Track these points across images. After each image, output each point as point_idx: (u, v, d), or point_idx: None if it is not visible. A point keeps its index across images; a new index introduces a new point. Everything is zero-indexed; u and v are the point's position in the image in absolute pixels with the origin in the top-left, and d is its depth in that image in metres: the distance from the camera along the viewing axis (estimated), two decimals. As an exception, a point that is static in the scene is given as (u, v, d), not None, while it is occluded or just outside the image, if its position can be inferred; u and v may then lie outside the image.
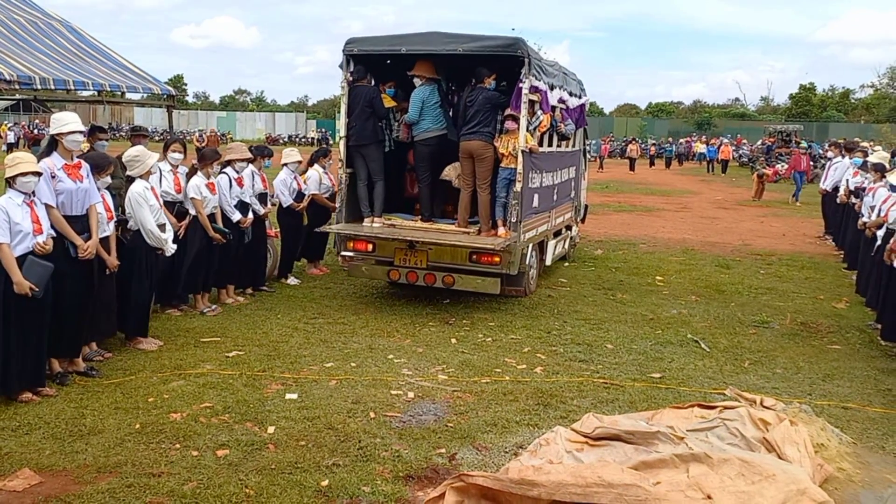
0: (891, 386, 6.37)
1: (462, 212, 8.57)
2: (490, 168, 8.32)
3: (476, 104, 8.25)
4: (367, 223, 8.71)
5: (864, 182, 11.13)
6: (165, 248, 6.83)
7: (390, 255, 8.40)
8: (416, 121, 8.59)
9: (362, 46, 8.45)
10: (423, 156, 8.78)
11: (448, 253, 8.15)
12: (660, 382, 6.29)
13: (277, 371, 6.25)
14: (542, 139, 8.85)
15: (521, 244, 8.24)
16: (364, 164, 8.69)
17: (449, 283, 8.16)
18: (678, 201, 23.30)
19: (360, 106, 8.47)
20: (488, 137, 8.27)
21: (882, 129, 49.63)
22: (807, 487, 3.87)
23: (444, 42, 8.08)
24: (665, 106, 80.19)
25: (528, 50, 7.80)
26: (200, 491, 4.14)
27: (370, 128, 8.54)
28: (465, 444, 4.92)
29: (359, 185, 8.75)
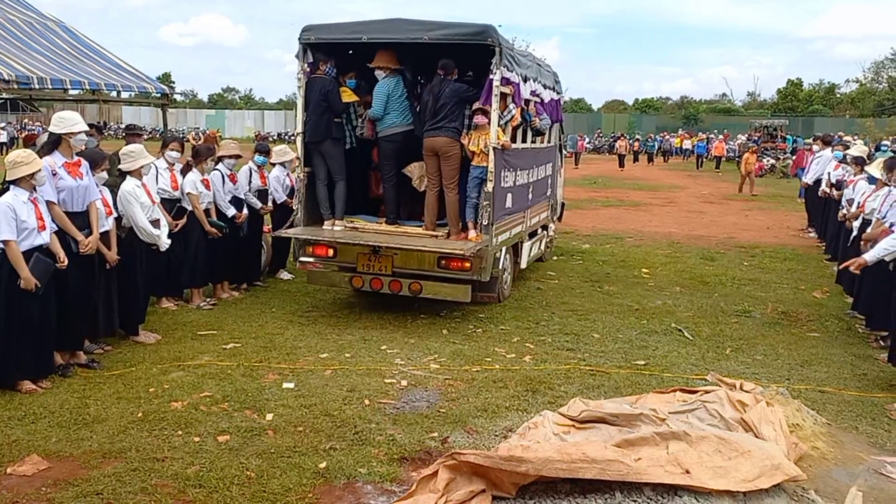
0: (866, 371, 6.61)
1: (429, 214, 8.03)
2: (457, 167, 7.78)
3: (442, 97, 7.66)
4: (327, 226, 8.16)
5: (844, 175, 11.40)
6: (159, 243, 6.98)
7: (353, 260, 7.85)
8: (380, 116, 7.99)
9: (320, 34, 7.82)
10: (388, 153, 8.19)
11: (415, 258, 7.60)
12: (644, 369, 6.51)
13: (274, 362, 6.43)
14: (514, 135, 8.27)
15: (494, 248, 7.74)
16: (323, 163, 8.12)
17: (416, 290, 7.62)
18: (665, 196, 23.58)
19: (315, 99, 7.87)
20: (454, 134, 7.72)
21: (866, 123, 50.17)
22: (780, 463, 4.10)
23: (409, 29, 7.52)
24: (653, 102, 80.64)
25: (498, 38, 7.26)
26: (203, 474, 4.32)
27: (325, 123, 7.93)
28: (457, 428, 5.11)
29: (318, 186, 8.17)
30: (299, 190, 8.21)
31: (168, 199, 7.75)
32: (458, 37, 7.37)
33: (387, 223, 8.23)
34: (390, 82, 7.95)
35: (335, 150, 8.08)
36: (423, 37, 7.37)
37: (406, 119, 8.06)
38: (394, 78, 7.99)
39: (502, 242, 8.11)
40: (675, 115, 70.35)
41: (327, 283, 8.37)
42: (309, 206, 8.21)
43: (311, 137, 7.97)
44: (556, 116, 10.27)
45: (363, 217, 8.47)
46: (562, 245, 13.21)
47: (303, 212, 8.18)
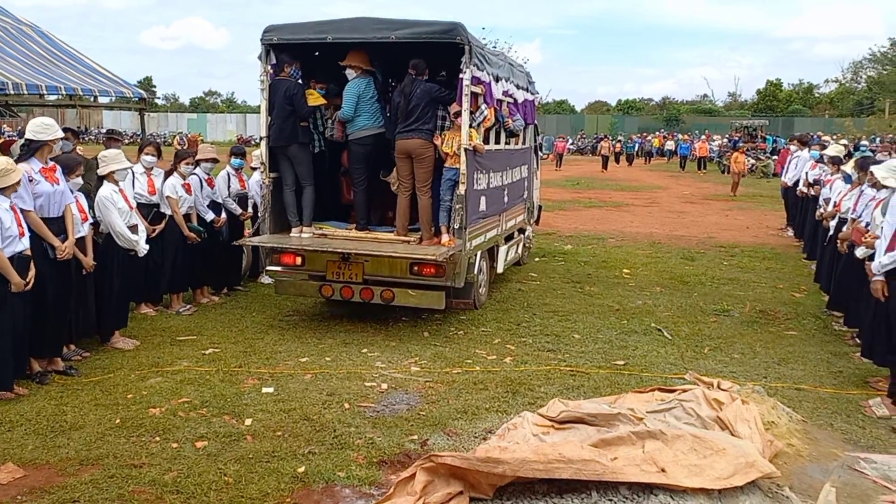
0: (842, 368, 6.69)
1: (401, 218, 7.79)
2: (430, 169, 7.60)
3: (413, 98, 7.46)
4: (294, 234, 7.89)
5: (821, 175, 11.52)
6: (137, 248, 6.94)
7: (322, 268, 7.58)
8: (350, 118, 7.78)
9: (283, 35, 7.56)
10: (359, 157, 7.98)
11: (386, 265, 7.39)
12: (623, 369, 6.55)
13: (253, 366, 6.41)
14: (487, 136, 8.09)
15: (468, 252, 7.51)
16: (290, 168, 7.85)
17: (388, 298, 7.40)
18: (647, 197, 23.72)
19: (279, 103, 7.64)
20: (428, 135, 7.54)
21: (845, 122, 50.77)
22: (755, 460, 4.14)
23: (375, 28, 7.27)
24: (635, 103, 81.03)
25: (468, 36, 7.04)
26: (181, 480, 4.30)
27: (290, 127, 7.68)
28: (437, 430, 5.12)
29: (285, 191, 7.90)
30: (265, 196, 7.95)
31: (145, 203, 7.71)
32: (425, 35, 7.14)
33: (357, 229, 8.00)
34: (361, 83, 7.76)
35: (302, 155, 7.86)
36: (389, 36, 7.17)
37: (377, 121, 7.86)
38: (364, 79, 7.79)
39: (477, 247, 7.89)
40: (657, 116, 70.79)
41: (296, 293, 8.12)
42: (275, 212, 7.95)
43: (276, 141, 7.76)
44: (531, 118, 10.14)
45: (333, 223, 8.22)
46: (544, 246, 13.27)
47: (269, 219, 7.91)
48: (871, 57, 64.81)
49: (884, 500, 4.23)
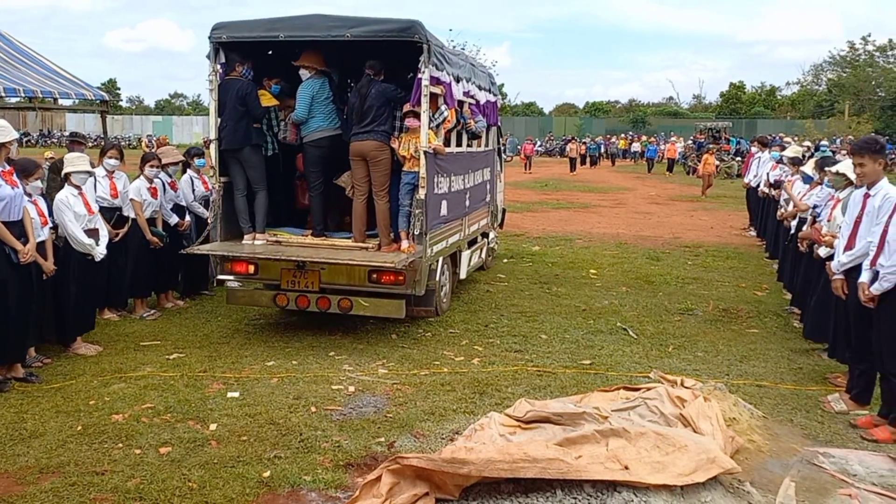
0: (802, 365, 6.83)
1: (358, 224, 7.49)
2: (386, 172, 7.36)
3: (369, 99, 7.21)
4: (247, 240, 7.54)
5: (782, 175, 11.74)
6: (93, 253, 6.80)
7: (276, 277, 7.30)
8: (304, 119, 7.50)
9: (233, 33, 7.24)
10: (314, 160, 7.65)
11: (343, 273, 7.12)
12: (589, 368, 6.61)
13: (219, 371, 6.35)
14: (448, 138, 7.85)
15: (429, 259, 7.26)
16: (242, 172, 7.51)
17: (345, 307, 7.13)
18: (614, 198, 23.96)
19: (231, 103, 7.31)
20: (383, 137, 7.29)
21: (806, 124, 51.84)
22: (716, 456, 4.21)
23: (329, 26, 6.97)
24: (602, 105, 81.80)
25: (426, 35, 6.80)
26: (144, 486, 4.25)
27: (243, 129, 7.36)
28: (404, 432, 5.12)
29: (236, 197, 7.54)
30: (215, 202, 7.57)
31: (108, 207, 7.60)
32: (382, 34, 6.89)
33: (313, 235, 7.67)
34: (315, 83, 7.49)
35: (255, 158, 7.55)
36: (344, 34, 6.89)
37: (333, 123, 7.59)
38: (319, 79, 7.52)
39: (438, 253, 7.64)
40: (623, 118, 71.50)
41: (248, 303, 7.79)
42: (227, 218, 7.59)
43: (228, 144, 7.40)
44: (493, 119, 9.96)
45: (287, 230, 7.91)
46: (512, 247, 13.34)
47: (220, 225, 7.54)
48: (830, 60, 66.22)
49: (841, 494, 4.33)
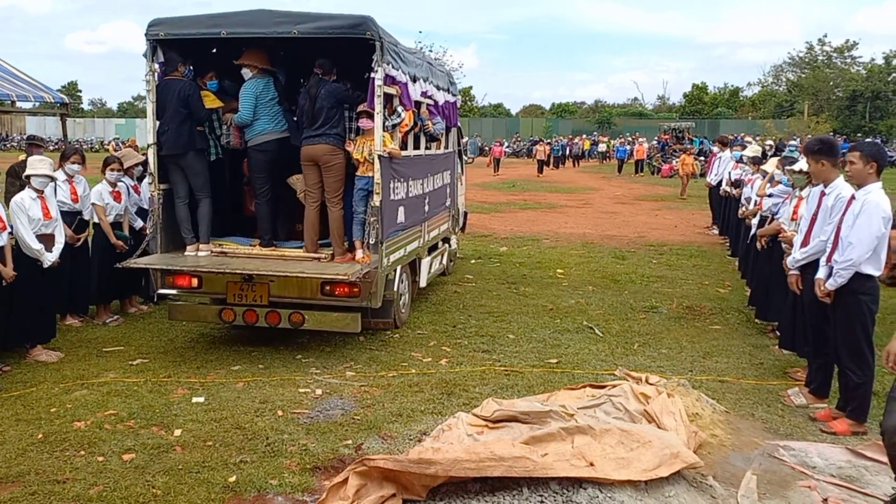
0: (763, 360, 6.96)
1: (309, 233, 7.07)
2: (340, 178, 6.97)
3: (319, 100, 6.83)
4: (190, 252, 7.09)
5: (742, 174, 11.95)
6: (42, 258, 6.60)
7: (222, 290, 6.89)
8: (248, 122, 7.08)
9: (171, 30, 6.80)
10: (260, 165, 7.20)
11: (294, 285, 6.75)
12: (556, 367, 6.67)
13: (183, 376, 6.28)
14: (405, 140, 7.49)
15: (386, 269, 6.91)
16: (183, 179, 7.07)
17: (297, 322, 6.75)
18: (580, 198, 24.17)
19: (172, 106, 6.89)
20: (336, 141, 6.91)
21: (766, 124, 52.86)
22: (679, 451, 4.28)
23: (276, 22, 6.59)
24: (568, 106, 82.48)
25: (379, 31, 6.46)
26: (107, 494, 4.19)
27: (186, 133, 6.93)
28: (371, 434, 5.11)
29: (177, 205, 7.09)
30: (154, 211, 7.06)
31: (68, 211, 7.47)
32: (331, 30, 6.52)
33: (261, 245, 7.21)
34: (258, 83, 7.09)
35: (198, 164, 7.09)
36: (291, 30, 6.52)
37: (279, 125, 7.19)
38: (263, 79, 7.13)
39: (396, 262, 7.28)
40: (589, 119, 72.17)
41: (191, 319, 7.31)
42: (168, 228, 7.12)
43: (170, 149, 6.94)
44: (453, 120, 9.63)
45: (234, 239, 7.44)
46: (480, 248, 13.39)
47: (160, 236, 7.06)
48: (790, 61, 67.67)
49: (801, 486, 4.43)
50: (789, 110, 61.89)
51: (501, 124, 68.60)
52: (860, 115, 59.11)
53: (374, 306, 6.89)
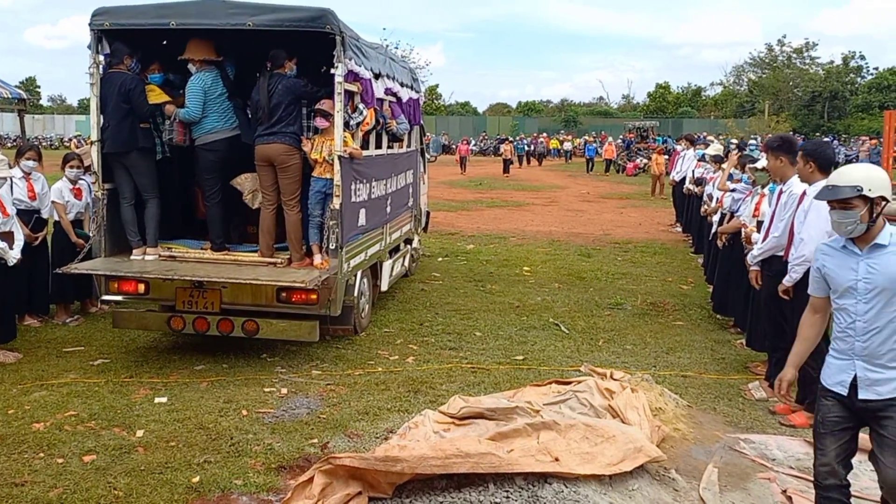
0: (724, 355, 7.09)
1: (265, 236, 6.71)
2: (297, 179, 6.63)
3: (275, 96, 6.50)
4: (136, 256, 6.71)
5: (704, 172, 12.14)
6: (6, 257, 6.41)
7: (171, 297, 6.54)
8: (196, 119, 6.67)
9: (117, 20, 6.43)
10: (209, 165, 6.81)
11: (248, 292, 6.42)
12: (522, 364, 6.71)
13: (146, 376, 6.19)
14: (367, 140, 7.22)
15: (345, 274, 6.60)
16: (128, 178, 6.71)
17: (251, 330, 6.39)
18: (547, 196, 24.33)
19: (113, 100, 6.48)
20: (291, 139, 6.56)
21: (728, 123, 53.80)
22: (643, 445, 4.35)
23: (229, 13, 6.26)
24: (535, 105, 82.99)
25: (339, 25, 6.16)
26: (67, 496, 4.11)
27: (128, 129, 6.54)
28: (338, 433, 5.09)
29: (122, 206, 6.72)
30: (97, 212, 6.70)
31: (25, 209, 7.30)
32: (289, 23, 6.24)
33: (213, 249, 6.84)
34: (206, 77, 6.68)
35: (144, 163, 6.73)
36: (246, 22, 6.21)
37: (229, 122, 6.80)
38: (210, 72, 6.72)
39: (356, 266, 7.00)
40: (555, 117, 72.71)
41: (138, 326, 6.91)
42: (112, 231, 6.75)
43: (111, 147, 6.56)
44: (417, 118, 9.39)
45: (184, 242, 7.06)
46: (447, 246, 13.41)
47: (103, 239, 6.70)
48: (751, 61, 68.87)
49: (761, 478, 4.52)
50: (750, 110, 63.02)
51: (468, 123, 68.75)
52: (819, 114, 60.43)
53: (334, 314, 6.60)
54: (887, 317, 3.29)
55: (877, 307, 3.29)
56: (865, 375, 3.33)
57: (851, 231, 3.32)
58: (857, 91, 60.99)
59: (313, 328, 6.44)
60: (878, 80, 60.32)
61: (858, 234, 3.32)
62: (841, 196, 3.31)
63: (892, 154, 12.23)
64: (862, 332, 3.32)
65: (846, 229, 3.33)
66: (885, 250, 3.31)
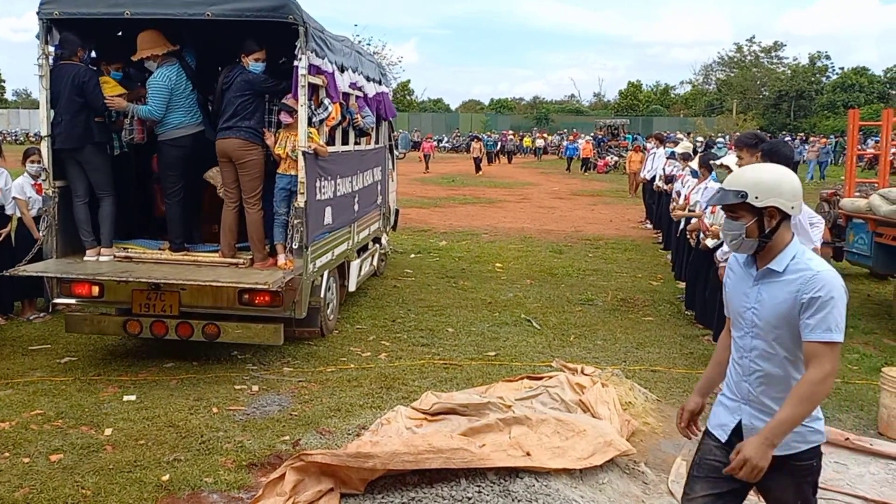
0: (692, 350, 7.19)
1: (226, 236, 6.45)
2: (257, 176, 6.39)
3: (233, 89, 6.27)
4: (90, 257, 6.40)
5: (674, 170, 12.28)
6: None
7: (127, 300, 6.22)
8: (159, 118, 6.36)
9: (67, 8, 6.10)
10: (173, 161, 6.51)
11: (208, 294, 6.12)
12: (495, 360, 6.74)
13: (114, 374, 6.11)
14: (333, 135, 7.02)
15: (311, 275, 6.36)
16: (82, 175, 6.38)
17: (212, 334, 6.13)
18: (519, 193, 24.43)
19: (66, 94, 6.17)
20: (249, 134, 6.30)
21: (697, 121, 54.52)
22: (613, 439, 4.40)
23: (187, 3, 6.01)
24: (507, 102, 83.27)
25: (302, 15, 5.95)
26: (33, 496, 4.05)
27: (82, 124, 6.23)
28: (309, 429, 5.08)
29: (76, 205, 6.39)
30: (48, 211, 6.38)
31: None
32: (249, 13, 5.98)
33: (171, 250, 6.55)
34: (170, 73, 6.37)
35: (98, 159, 6.41)
36: (204, 12, 5.96)
37: (195, 118, 6.53)
38: (172, 66, 6.41)
39: (322, 267, 6.75)
40: (528, 115, 73.05)
41: (92, 331, 6.52)
42: (65, 231, 6.42)
43: (64, 143, 6.24)
44: (385, 113, 9.09)
45: (141, 242, 6.74)
46: (419, 243, 13.41)
47: (55, 239, 6.37)
48: (719, 60, 69.85)
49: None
50: (719, 108, 63.89)
51: (441, 119, 68.80)
52: (785, 113, 61.50)
53: (299, 316, 6.35)
54: (775, 360, 2.70)
55: (762, 346, 2.72)
56: (751, 424, 2.77)
57: (737, 245, 2.74)
58: (823, 90, 62.18)
59: (277, 331, 6.20)
60: (842, 79, 61.57)
61: (746, 250, 2.74)
62: (725, 201, 2.74)
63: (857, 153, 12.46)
64: (748, 372, 2.77)
65: (731, 243, 2.76)
66: (777, 278, 2.68)
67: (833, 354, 2.57)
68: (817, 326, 2.57)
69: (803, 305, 2.60)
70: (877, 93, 59.27)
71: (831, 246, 10.21)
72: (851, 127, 10.62)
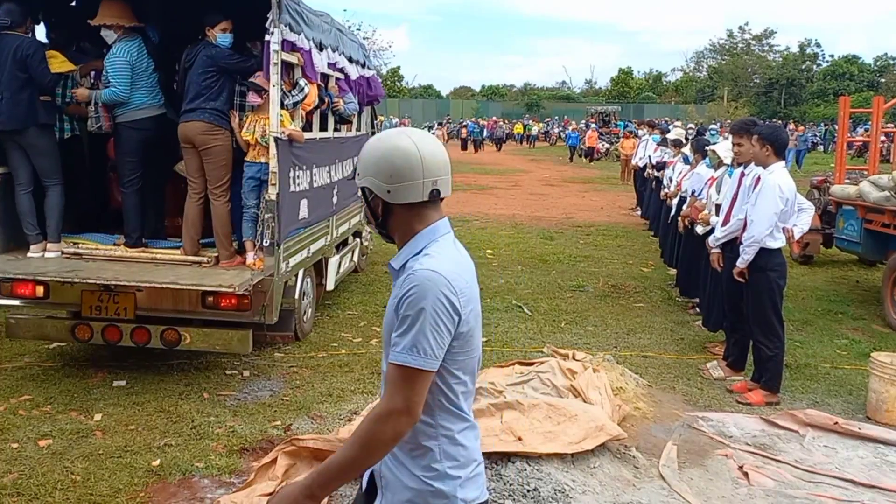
0: (683, 336, 7.21)
1: (189, 230, 5.79)
2: (224, 164, 5.74)
3: (195, 67, 5.64)
4: (34, 253, 5.75)
5: (664, 157, 12.29)
6: None
7: (76, 301, 5.51)
8: (126, 99, 5.70)
9: None
10: (132, 146, 5.82)
11: (168, 296, 5.41)
12: (486, 345, 6.74)
13: (103, 360, 6.07)
14: (310, 120, 6.46)
15: (283, 275, 5.61)
16: (25, 161, 5.70)
17: (172, 341, 5.41)
18: (510, 180, 24.42)
19: (7, 68, 5.48)
20: (213, 117, 5.65)
21: (688, 108, 54.60)
22: (604, 424, 4.40)
23: None
24: (498, 89, 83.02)
25: None
26: (22, 481, 4.03)
27: (25, 103, 5.53)
28: (301, 414, 5.07)
29: (18, 194, 5.73)
30: None
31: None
32: None
33: (127, 245, 5.85)
34: (130, 48, 5.72)
35: (44, 142, 5.73)
36: None
37: (157, 98, 5.90)
38: (133, 41, 5.75)
39: (297, 265, 6.05)
40: (518, 101, 72.89)
41: (35, 336, 5.86)
42: (6, 223, 5.81)
43: (4, 124, 5.56)
44: (371, 96, 8.38)
45: (93, 237, 6.09)
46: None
47: None
48: (711, 48, 69.86)
49: (718, 454, 4.62)
50: (710, 96, 63.95)
51: (432, 105, 68.56)
52: (776, 100, 61.63)
53: (269, 322, 5.62)
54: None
55: (383, 365, 2.02)
56: (379, 469, 2.05)
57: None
58: (813, 78, 62.35)
59: (245, 338, 5.46)
60: (833, 67, 61.74)
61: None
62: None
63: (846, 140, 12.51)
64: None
65: None
66: (397, 278, 2.01)
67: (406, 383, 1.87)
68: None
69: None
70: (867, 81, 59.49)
71: (821, 232, 10.28)
72: (842, 114, 10.64)
